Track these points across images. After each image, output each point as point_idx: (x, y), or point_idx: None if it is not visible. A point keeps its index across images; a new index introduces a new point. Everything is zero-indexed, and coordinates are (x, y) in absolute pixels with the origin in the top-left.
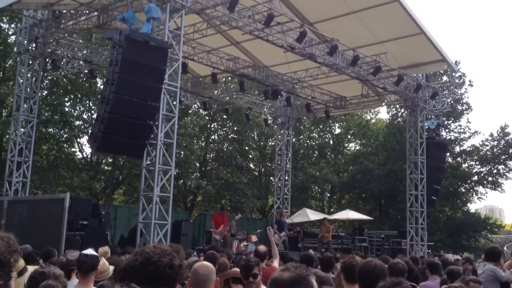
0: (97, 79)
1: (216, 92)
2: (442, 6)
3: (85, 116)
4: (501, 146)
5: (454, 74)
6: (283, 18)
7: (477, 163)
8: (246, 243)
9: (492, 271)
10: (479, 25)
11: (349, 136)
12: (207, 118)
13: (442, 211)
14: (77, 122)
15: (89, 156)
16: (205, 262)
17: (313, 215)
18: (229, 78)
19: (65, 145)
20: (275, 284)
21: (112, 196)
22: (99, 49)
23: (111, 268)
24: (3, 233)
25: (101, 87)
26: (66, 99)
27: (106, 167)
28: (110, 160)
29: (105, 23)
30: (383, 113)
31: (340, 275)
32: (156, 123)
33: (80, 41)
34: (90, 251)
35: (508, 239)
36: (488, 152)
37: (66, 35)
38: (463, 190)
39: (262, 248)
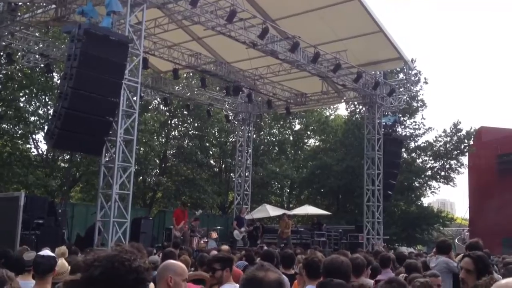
0: (54, 74)
1: (177, 88)
2: (398, 5)
3: (40, 112)
4: (453, 142)
5: (410, 71)
6: (245, 14)
7: (430, 158)
8: (206, 240)
9: (445, 263)
10: (434, 24)
11: (308, 132)
12: (167, 114)
13: (397, 205)
14: (32, 118)
15: (44, 153)
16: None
17: (273, 211)
18: (191, 74)
19: (19, 141)
20: (261, 284)
21: (68, 194)
22: (56, 43)
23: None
24: None
25: (58, 82)
26: (21, 94)
27: (62, 164)
28: (67, 157)
29: (63, 16)
30: (341, 110)
31: (302, 271)
32: (116, 119)
33: (37, 34)
34: (47, 251)
35: (459, 232)
36: (441, 148)
37: (22, 28)
38: (417, 185)
39: (225, 247)
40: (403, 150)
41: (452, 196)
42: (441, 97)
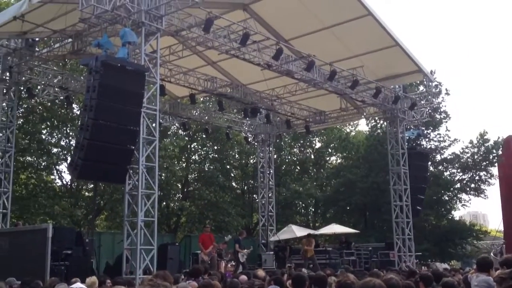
0: (74, 105)
1: (194, 112)
2: (414, 16)
3: (62, 143)
4: (481, 153)
5: (430, 83)
6: (258, 36)
7: (458, 170)
8: (234, 263)
9: (486, 282)
10: (452, 33)
11: (330, 150)
12: (186, 138)
13: (427, 220)
14: (55, 149)
15: (69, 183)
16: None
17: (299, 231)
18: (207, 98)
19: (43, 173)
20: None
21: (94, 223)
22: (74, 75)
23: None
24: None
25: (78, 113)
26: (43, 126)
27: (87, 193)
28: (91, 186)
29: (80, 49)
30: (362, 125)
31: None
32: (137, 147)
33: (55, 68)
34: (78, 284)
35: (494, 244)
36: (469, 159)
37: (40, 62)
38: (447, 198)
39: (261, 273)
40: (429, 163)
41: (484, 208)
42: (464, 108)
